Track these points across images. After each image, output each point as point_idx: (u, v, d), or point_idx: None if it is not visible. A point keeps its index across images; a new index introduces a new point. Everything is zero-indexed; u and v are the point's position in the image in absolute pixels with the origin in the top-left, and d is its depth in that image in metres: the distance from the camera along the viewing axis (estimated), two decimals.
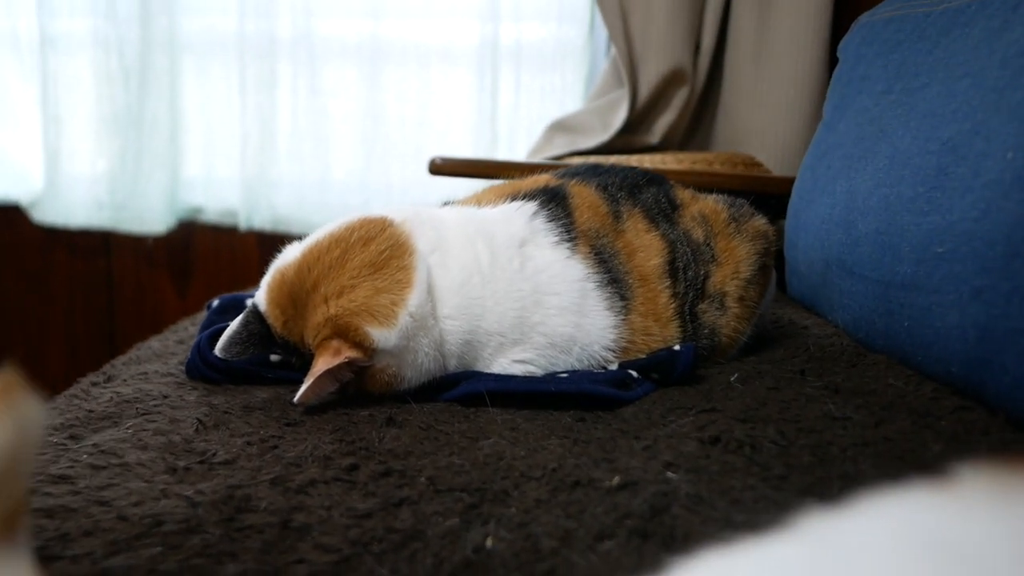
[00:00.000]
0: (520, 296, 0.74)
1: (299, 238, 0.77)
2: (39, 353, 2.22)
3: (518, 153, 1.95)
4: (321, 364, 0.66)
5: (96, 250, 2.17)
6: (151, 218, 2.05)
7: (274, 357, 0.78)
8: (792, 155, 1.65)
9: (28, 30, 2.07)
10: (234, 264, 2.12)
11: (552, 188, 0.83)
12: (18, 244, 2.18)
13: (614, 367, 0.77)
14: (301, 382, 0.68)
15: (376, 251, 0.70)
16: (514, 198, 0.82)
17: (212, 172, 2.08)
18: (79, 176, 2.08)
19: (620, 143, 1.74)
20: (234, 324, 0.74)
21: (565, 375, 0.75)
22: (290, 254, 0.75)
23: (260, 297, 0.74)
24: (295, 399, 0.67)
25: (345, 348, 0.67)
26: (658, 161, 1.49)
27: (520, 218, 0.78)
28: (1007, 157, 0.67)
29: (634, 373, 0.75)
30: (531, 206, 0.80)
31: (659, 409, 0.69)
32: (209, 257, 2.14)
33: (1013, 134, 0.68)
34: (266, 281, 0.74)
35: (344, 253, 0.70)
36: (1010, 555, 0.22)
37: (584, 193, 0.83)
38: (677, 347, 0.76)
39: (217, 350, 0.73)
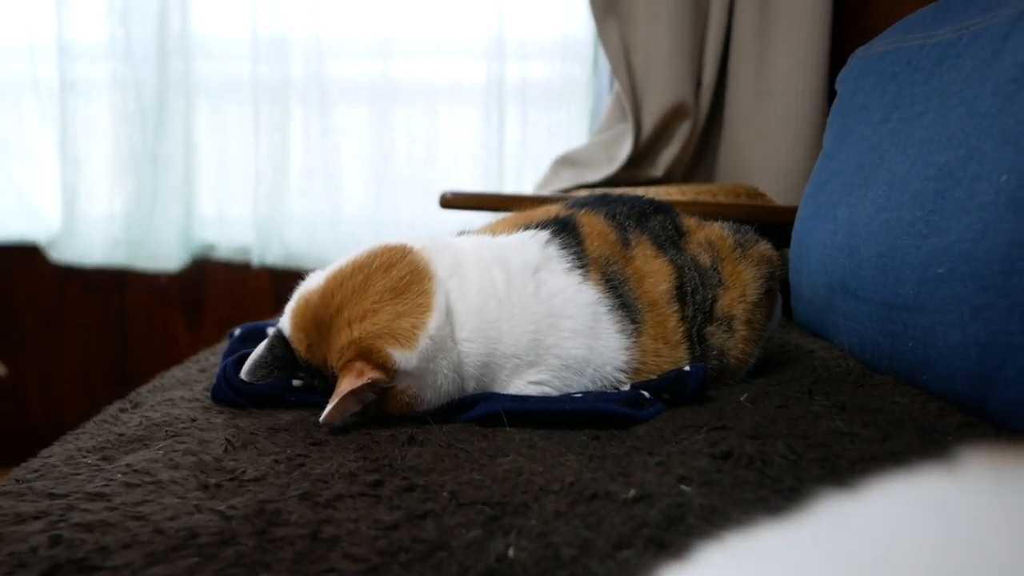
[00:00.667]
0: (535, 319, 0.76)
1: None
2: (54, 389, 2.25)
3: (525, 187, 1.99)
4: (345, 385, 0.69)
5: (111, 288, 2.20)
6: (165, 255, 2.09)
7: (296, 382, 0.80)
8: (794, 186, 1.68)
9: (48, 75, 2.13)
10: (246, 300, 2.15)
11: (563, 218, 0.86)
12: (35, 283, 2.22)
13: (626, 388, 0.79)
14: (324, 405, 0.70)
15: (397, 276, 0.73)
16: (527, 227, 0.85)
17: (226, 210, 2.13)
18: (96, 215, 2.13)
19: (625, 176, 1.78)
20: (259, 348, 0.77)
21: (579, 395, 0.77)
22: (314, 281, 0.77)
23: (284, 322, 0.77)
24: (320, 420, 0.69)
25: (368, 369, 0.69)
26: (663, 193, 1.52)
27: (534, 246, 0.81)
28: (1000, 180, 0.70)
29: (646, 393, 0.77)
30: (544, 234, 0.83)
31: (671, 427, 0.71)
32: (222, 293, 2.17)
33: (1006, 158, 0.71)
34: (290, 307, 0.77)
35: (367, 279, 0.73)
36: (1006, 526, 0.25)
37: (594, 222, 0.86)
38: (687, 368, 0.79)
39: (243, 373, 0.75)
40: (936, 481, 0.28)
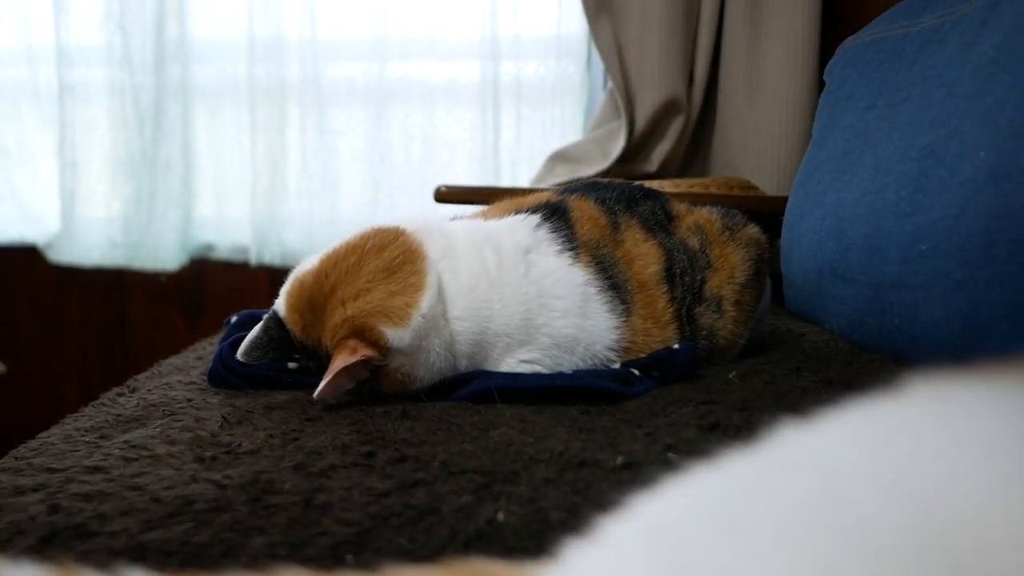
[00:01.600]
0: (526, 299, 0.78)
1: None
2: (54, 389, 2.26)
3: (521, 184, 2.00)
4: (339, 361, 0.70)
5: (110, 289, 2.22)
6: (164, 256, 2.10)
7: (291, 365, 0.81)
8: (786, 179, 1.70)
9: (47, 79, 2.15)
10: (244, 299, 2.16)
11: (554, 203, 0.88)
12: (34, 284, 2.24)
13: (616, 366, 0.80)
14: (318, 384, 0.72)
15: (390, 257, 0.74)
16: (518, 212, 0.87)
17: (224, 211, 2.14)
18: (94, 218, 2.14)
19: (619, 171, 1.79)
20: (255, 330, 0.78)
21: (570, 373, 0.79)
22: (308, 263, 0.79)
23: (280, 304, 0.78)
24: (314, 394, 0.71)
25: (361, 347, 0.71)
26: (655, 186, 1.53)
27: (525, 228, 0.83)
28: (979, 156, 0.71)
29: (636, 371, 0.78)
30: (535, 218, 0.84)
31: (660, 402, 0.72)
32: (220, 293, 2.19)
33: (984, 135, 0.72)
34: (285, 289, 0.78)
35: (360, 259, 0.74)
36: (945, 440, 0.26)
37: (584, 207, 0.88)
38: (676, 346, 0.80)
39: (239, 354, 0.76)
40: (882, 404, 0.30)
